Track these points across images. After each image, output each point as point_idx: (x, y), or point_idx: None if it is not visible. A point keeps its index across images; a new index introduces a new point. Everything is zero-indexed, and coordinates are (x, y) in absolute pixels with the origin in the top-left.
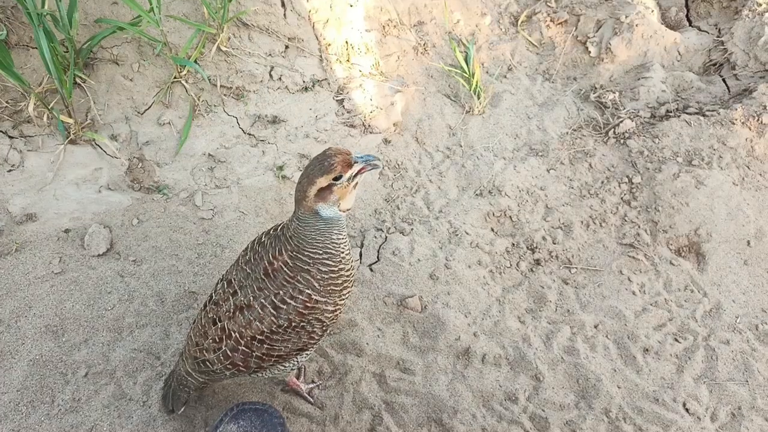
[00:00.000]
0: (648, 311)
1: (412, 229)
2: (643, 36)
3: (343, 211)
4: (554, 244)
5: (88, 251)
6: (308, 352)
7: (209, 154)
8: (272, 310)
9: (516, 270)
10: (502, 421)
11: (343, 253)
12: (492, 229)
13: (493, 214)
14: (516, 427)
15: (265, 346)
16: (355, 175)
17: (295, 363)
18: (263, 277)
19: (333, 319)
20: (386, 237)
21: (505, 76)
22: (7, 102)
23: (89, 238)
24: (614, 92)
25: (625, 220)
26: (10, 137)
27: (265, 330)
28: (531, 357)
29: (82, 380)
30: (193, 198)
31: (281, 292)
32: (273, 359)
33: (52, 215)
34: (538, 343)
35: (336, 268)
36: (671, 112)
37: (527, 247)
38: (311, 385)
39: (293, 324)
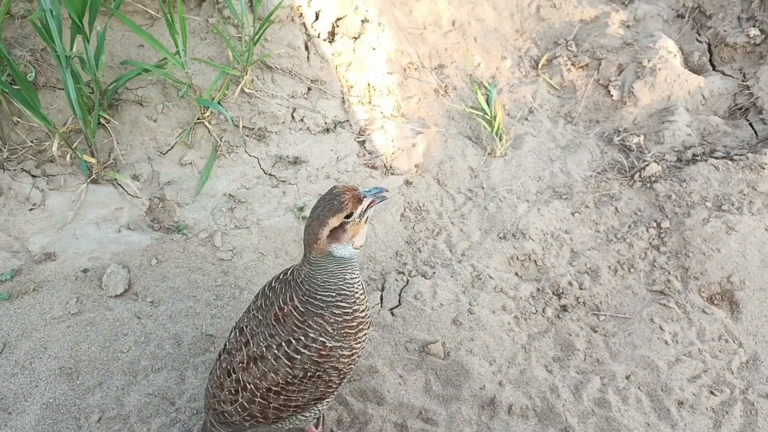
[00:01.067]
0: (681, 362)
1: (434, 273)
2: (667, 80)
3: (357, 248)
4: (581, 289)
5: (105, 291)
6: (328, 401)
7: (230, 195)
8: (286, 361)
9: (542, 316)
10: None
11: (357, 293)
12: (516, 273)
13: (517, 258)
14: None
15: (282, 397)
16: (366, 210)
17: (316, 412)
18: (274, 323)
19: (350, 365)
20: (408, 280)
21: (527, 119)
22: (31, 141)
23: (107, 278)
24: (638, 135)
25: (655, 266)
26: (33, 176)
27: (281, 381)
28: (560, 409)
29: (95, 425)
30: (212, 238)
31: (292, 338)
32: (291, 410)
33: (71, 255)
34: (566, 394)
35: (350, 310)
36: (698, 156)
37: (553, 293)
38: None
39: (309, 374)
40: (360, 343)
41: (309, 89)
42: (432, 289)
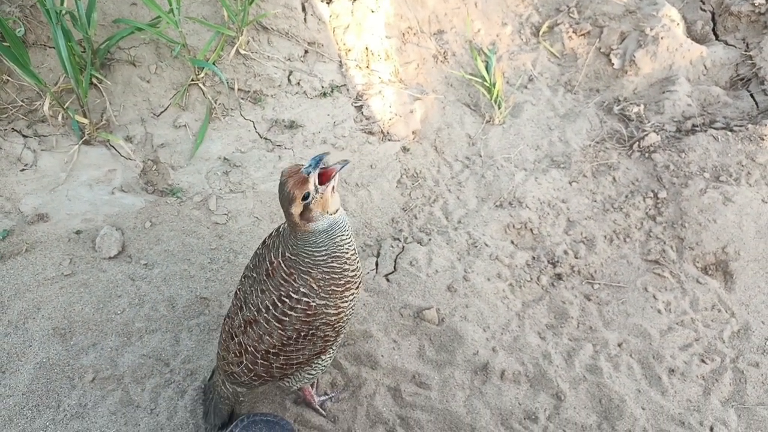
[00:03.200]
0: (674, 330)
1: (429, 240)
2: (668, 49)
3: (333, 214)
4: (576, 258)
5: (99, 253)
6: (330, 354)
7: (224, 158)
8: (277, 324)
9: (536, 284)
10: None
11: (348, 253)
12: (512, 242)
13: (514, 226)
14: None
15: (282, 357)
16: (321, 185)
17: (322, 366)
18: (265, 278)
19: (339, 322)
20: (403, 247)
21: (526, 87)
22: (22, 101)
23: (101, 240)
24: (638, 105)
25: (650, 236)
26: (24, 136)
27: (276, 343)
28: (552, 375)
29: (88, 385)
30: (207, 202)
31: (278, 299)
32: (294, 367)
33: (64, 216)
34: (559, 361)
35: (340, 270)
36: (697, 126)
37: (548, 261)
38: (324, 398)
39: (302, 333)
40: (346, 302)
41: (306, 52)
42: (427, 256)
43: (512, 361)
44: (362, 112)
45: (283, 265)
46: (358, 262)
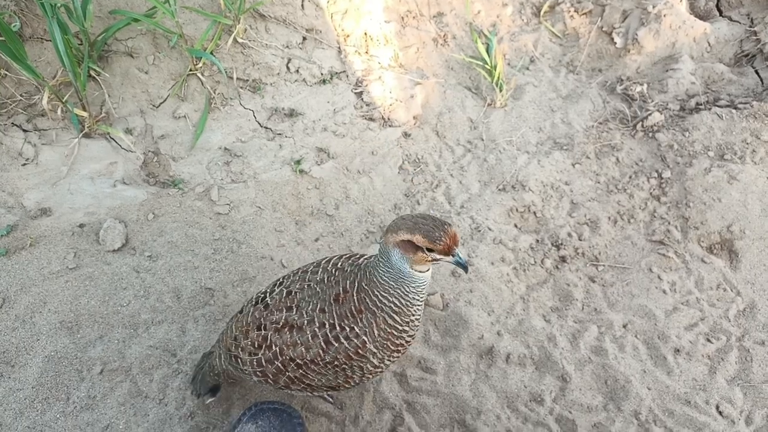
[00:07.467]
0: (679, 310)
1: None
2: (672, 26)
3: (412, 270)
4: (580, 240)
5: (103, 246)
6: (331, 394)
7: (225, 148)
8: (323, 343)
9: (541, 267)
10: (528, 422)
11: (413, 316)
12: (515, 225)
13: (517, 210)
14: (542, 429)
15: (300, 371)
16: (439, 260)
17: (318, 395)
18: (332, 302)
19: (371, 373)
20: None
21: (528, 68)
22: (21, 95)
23: (104, 233)
24: (642, 84)
25: (655, 216)
26: (25, 131)
27: (308, 358)
28: (557, 357)
29: (97, 377)
30: (209, 193)
31: (340, 325)
32: (303, 386)
33: (67, 210)
34: (564, 343)
35: (400, 327)
36: (701, 104)
37: (552, 244)
38: None
39: (335, 363)
40: (391, 361)
41: (304, 39)
42: None
43: (517, 344)
44: (362, 99)
45: (355, 299)
46: (415, 332)
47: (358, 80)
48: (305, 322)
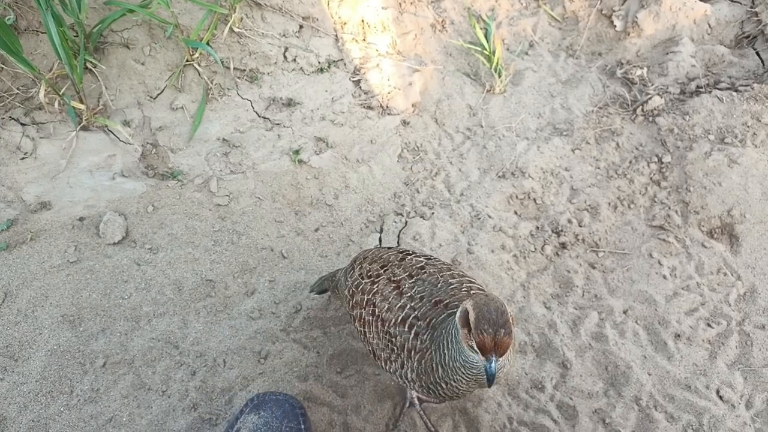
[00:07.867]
0: (679, 295)
1: (432, 213)
2: (672, 9)
3: (464, 344)
4: (580, 226)
5: (103, 239)
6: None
7: (223, 139)
8: (400, 319)
9: (541, 254)
10: (529, 409)
11: (454, 383)
12: (515, 212)
13: (517, 197)
14: (543, 416)
15: (371, 317)
16: (474, 350)
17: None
18: (431, 303)
19: (408, 380)
20: (406, 221)
21: (527, 53)
22: (17, 89)
23: (104, 226)
24: (642, 68)
25: (655, 201)
26: (22, 124)
27: (382, 315)
28: (558, 344)
29: (100, 370)
30: (208, 184)
31: (423, 323)
32: (359, 323)
33: (66, 203)
34: (564, 330)
35: (437, 382)
36: (702, 87)
37: (552, 231)
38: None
39: (392, 347)
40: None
41: (301, 27)
42: (431, 230)
43: (518, 331)
44: (360, 87)
45: (438, 319)
46: (454, 394)
47: (356, 68)
48: (410, 296)
